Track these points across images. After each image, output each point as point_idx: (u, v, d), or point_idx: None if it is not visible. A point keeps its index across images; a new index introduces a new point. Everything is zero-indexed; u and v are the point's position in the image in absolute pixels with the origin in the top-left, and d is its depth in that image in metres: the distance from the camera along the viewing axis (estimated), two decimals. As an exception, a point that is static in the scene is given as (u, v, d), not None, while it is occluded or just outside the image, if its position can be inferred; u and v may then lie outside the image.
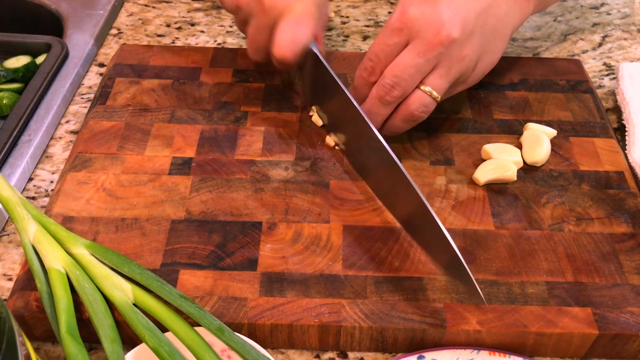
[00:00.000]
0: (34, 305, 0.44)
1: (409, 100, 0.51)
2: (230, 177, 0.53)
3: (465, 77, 0.52)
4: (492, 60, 0.55)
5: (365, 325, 0.44)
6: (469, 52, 0.50)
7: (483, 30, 0.51)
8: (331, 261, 0.47)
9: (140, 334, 0.41)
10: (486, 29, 0.51)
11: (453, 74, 0.51)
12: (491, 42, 0.53)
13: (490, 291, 0.46)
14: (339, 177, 0.53)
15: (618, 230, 0.50)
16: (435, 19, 0.49)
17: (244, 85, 0.62)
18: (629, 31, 0.75)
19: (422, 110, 0.51)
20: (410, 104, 0.51)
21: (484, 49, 0.52)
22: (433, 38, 0.49)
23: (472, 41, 0.50)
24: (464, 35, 0.49)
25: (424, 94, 0.51)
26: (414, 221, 0.47)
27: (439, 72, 0.50)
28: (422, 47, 0.49)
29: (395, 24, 0.50)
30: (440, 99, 0.51)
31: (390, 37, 0.50)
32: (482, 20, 0.51)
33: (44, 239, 0.45)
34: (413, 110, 0.51)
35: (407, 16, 0.49)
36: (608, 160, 0.55)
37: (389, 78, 0.50)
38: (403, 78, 0.50)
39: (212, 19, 0.75)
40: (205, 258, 0.47)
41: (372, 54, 0.51)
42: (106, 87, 0.61)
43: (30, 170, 0.57)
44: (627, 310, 0.45)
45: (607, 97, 0.66)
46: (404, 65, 0.49)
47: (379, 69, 0.51)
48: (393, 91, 0.50)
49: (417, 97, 0.51)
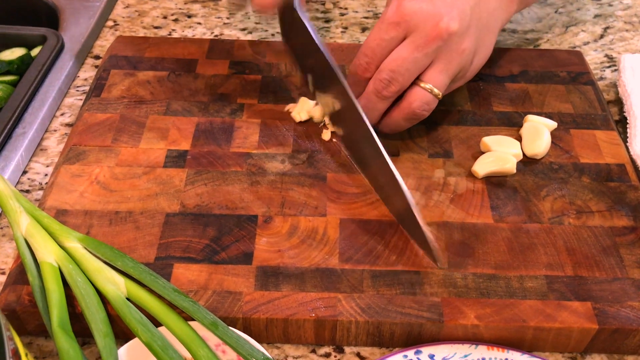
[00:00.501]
0: (26, 300, 0.43)
1: (410, 98, 0.50)
2: (225, 169, 0.52)
3: (464, 71, 0.51)
4: (485, 54, 0.54)
5: (361, 320, 0.43)
6: (468, 45, 0.49)
7: (478, 23, 0.50)
8: (327, 255, 0.46)
9: (133, 328, 0.41)
10: (480, 22, 0.51)
11: (453, 68, 0.50)
12: (485, 35, 0.52)
13: (489, 285, 0.45)
14: (336, 170, 0.53)
15: (619, 223, 0.49)
16: (434, 12, 0.48)
17: (241, 77, 0.61)
18: (630, 22, 0.74)
19: (424, 108, 0.51)
20: (412, 102, 0.50)
21: (479, 42, 0.51)
22: (432, 31, 0.48)
23: (469, 34, 0.49)
24: (463, 28, 0.49)
25: (425, 91, 0.50)
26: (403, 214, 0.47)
27: (439, 67, 0.49)
28: (420, 40, 0.48)
29: (392, 18, 0.49)
30: (441, 96, 0.51)
31: (387, 31, 0.49)
32: (477, 13, 0.50)
33: (36, 233, 0.44)
34: (415, 109, 0.50)
35: (405, 10, 0.48)
36: (609, 153, 0.55)
37: (386, 73, 0.49)
38: (400, 72, 0.49)
39: (209, 10, 0.74)
40: (199, 252, 0.46)
41: (368, 49, 0.50)
42: (101, 79, 0.60)
43: (24, 163, 0.56)
44: (628, 304, 0.44)
45: (608, 89, 0.65)
46: (401, 59, 0.49)
47: (375, 64, 0.50)
48: (390, 86, 0.49)
49: (418, 95, 0.50)
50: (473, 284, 0.45)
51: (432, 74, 0.49)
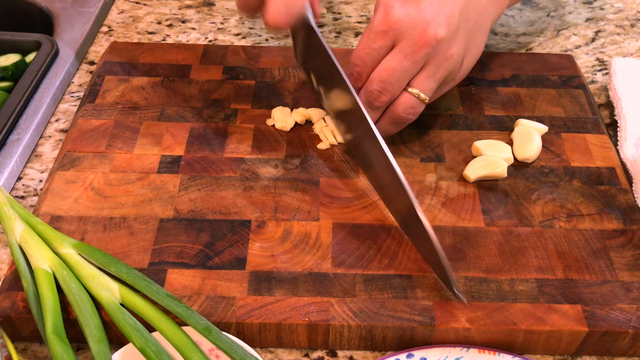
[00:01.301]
0: (20, 306, 0.44)
1: (395, 103, 0.51)
2: (219, 175, 0.53)
3: (453, 74, 0.52)
4: (476, 53, 0.54)
5: (354, 324, 0.43)
6: (456, 50, 0.50)
7: (467, 24, 0.50)
8: (320, 259, 0.47)
9: (127, 333, 0.41)
10: (469, 23, 0.51)
11: (441, 73, 0.50)
12: (475, 36, 0.52)
13: (480, 289, 0.45)
14: (329, 175, 0.53)
15: (609, 226, 0.50)
16: (421, 19, 0.48)
17: (234, 82, 0.61)
18: (622, 26, 0.74)
19: (409, 112, 0.51)
20: (397, 106, 0.51)
21: (468, 43, 0.51)
22: (419, 39, 0.48)
23: (458, 38, 0.50)
24: (450, 33, 0.49)
25: (410, 95, 0.50)
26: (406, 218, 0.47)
27: (426, 73, 0.50)
28: (409, 48, 0.48)
29: (380, 27, 0.49)
30: (428, 101, 0.51)
31: (375, 40, 0.49)
32: (465, 15, 0.50)
33: (30, 239, 0.44)
34: (400, 113, 0.51)
35: (392, 18, 0.48)
36: (599, 156, 0.55)
37: (376, 84, 0.49)
38: (391, 82, 0.49)
39: (203, 15, 0.74)
40: (193, 257, 0.47)
41: (358, 58, 0.50)
42: (95, 85, 0.60)
43: (19, 169, 0.56)
44: (617, 306, 0.44)
45: (599, 93, 0.66)
46: (390, 69, 0.49)
47: (366, 73, 0.50)
48: (381, 97, 0.50)
49: (403, 99, 0.50)
50: (464, 288, 0.45)
51: (420, 79, 0.50)
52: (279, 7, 0.48)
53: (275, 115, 0.57)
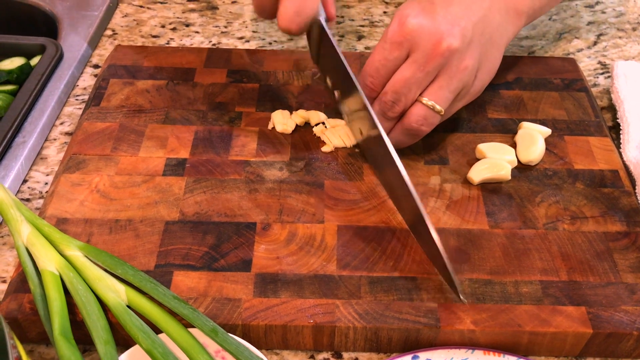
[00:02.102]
0: (27, 308, 0.44)
1: (408, 113, 0.51)
2: (224, 177, 0.53)
3: (467, 87, 0.52)
4: (491, 68, 0.54)
5: (359, 326, 0.44)
6: (470, 62, 0.50)
7: (481, 38, 0.51)
8: (325, 261, 0.47)
9: (134, 335, 0.41)
10: (483, 37, 0.51)
11: (454, 84, 0.50)
12: (489, 50, 0.52)
13: (484, 291, 0.46)
14: (334, 177, 0.53)
15: (612, 228, 0.50)
16: (435, 30, 0.48)
17: (238, 85, 0.62)
18: (623, 29, 0.75)
19: (421, 122, 0.51)
20: (410, 116, 0.51)
21: (482, 57, 0.52)
22: (433, 50, 0.48)
23: (471, 50, 0.50)
24: (464, 45, 0.49)
25: (422, 106, 0.50)
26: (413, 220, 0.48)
27: (440, 84, 0.50)
28: (422, 59, 0.49)
29: (395, 38, 0.49)
30: (444, 112, 0.51)
31: (391, 51, 0.49)
32: (480, 29, 0.50)
33: (37, 241, 0.45)
34: (412, 123, 0.51)
35: (407, 28, 0.49)
36: (603, 159, 0.55)
37: (390, 95, 0.50)
38: (403, 93, 0.50)
39: (206, 19, 0.75)
40: (199, 259, 0.47)
41: (373, 69, 0.51)
42: (100, 88, 0.61)
43: (24, 172, 0.56)
44: (621, 308, 0.45)
45: (602, 96, 0.66)
46: (404, 80, 0.49)
47: (380, 84, 0.51)
48: (395, 107, 0.50)
49: (415, 110, 0.51)
50: (469, 290, 0.46)
51: (433, 90, 0.50)
52: (289, 12, 0.48)
53: (275, 118, 0.58)
